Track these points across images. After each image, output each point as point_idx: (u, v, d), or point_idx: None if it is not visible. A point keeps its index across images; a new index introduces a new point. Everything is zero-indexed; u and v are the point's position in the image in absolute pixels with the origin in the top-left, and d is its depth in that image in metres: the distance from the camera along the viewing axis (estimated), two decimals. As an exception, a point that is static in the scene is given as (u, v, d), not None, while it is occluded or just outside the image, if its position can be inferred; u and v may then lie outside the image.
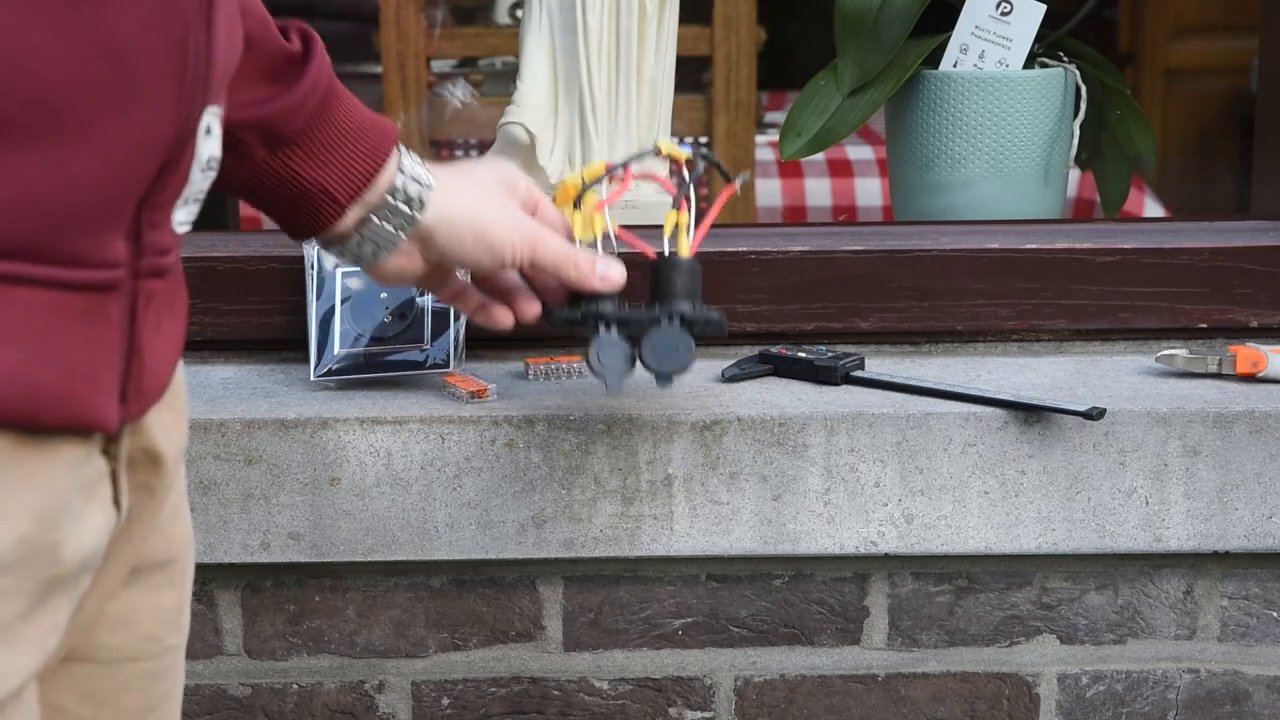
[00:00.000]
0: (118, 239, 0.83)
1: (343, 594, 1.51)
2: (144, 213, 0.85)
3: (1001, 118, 1.79)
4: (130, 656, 0.99)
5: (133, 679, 1.00)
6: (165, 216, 0.87)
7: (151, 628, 1.00)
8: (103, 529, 0.88)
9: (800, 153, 1.85)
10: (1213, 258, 1.62)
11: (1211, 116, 5.01)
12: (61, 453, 0.83)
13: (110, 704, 0.99)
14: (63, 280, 0.80)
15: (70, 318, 0.81)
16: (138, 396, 0.88)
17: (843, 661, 1.53)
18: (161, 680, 1.02)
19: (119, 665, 0.99)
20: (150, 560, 0.99)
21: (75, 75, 0.78)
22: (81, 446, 0.85)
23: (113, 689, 0.99)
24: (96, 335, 0.83)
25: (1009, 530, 1.45)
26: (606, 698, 1.53)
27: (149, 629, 1.00)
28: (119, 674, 0.99)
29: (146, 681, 1.01)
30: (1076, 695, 1.53)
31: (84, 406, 0.83)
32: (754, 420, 1.44)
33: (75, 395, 0.82)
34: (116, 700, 0.99)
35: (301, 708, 1.52)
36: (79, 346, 0.82)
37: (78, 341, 0.82)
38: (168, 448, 0.95)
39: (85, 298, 0.82)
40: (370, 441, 1.43)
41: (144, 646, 1.00)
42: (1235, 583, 1.52)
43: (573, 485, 1.44)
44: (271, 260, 1.59)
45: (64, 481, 0.84)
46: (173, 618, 1.03)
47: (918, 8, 1.81)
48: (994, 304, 1.62)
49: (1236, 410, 1.45)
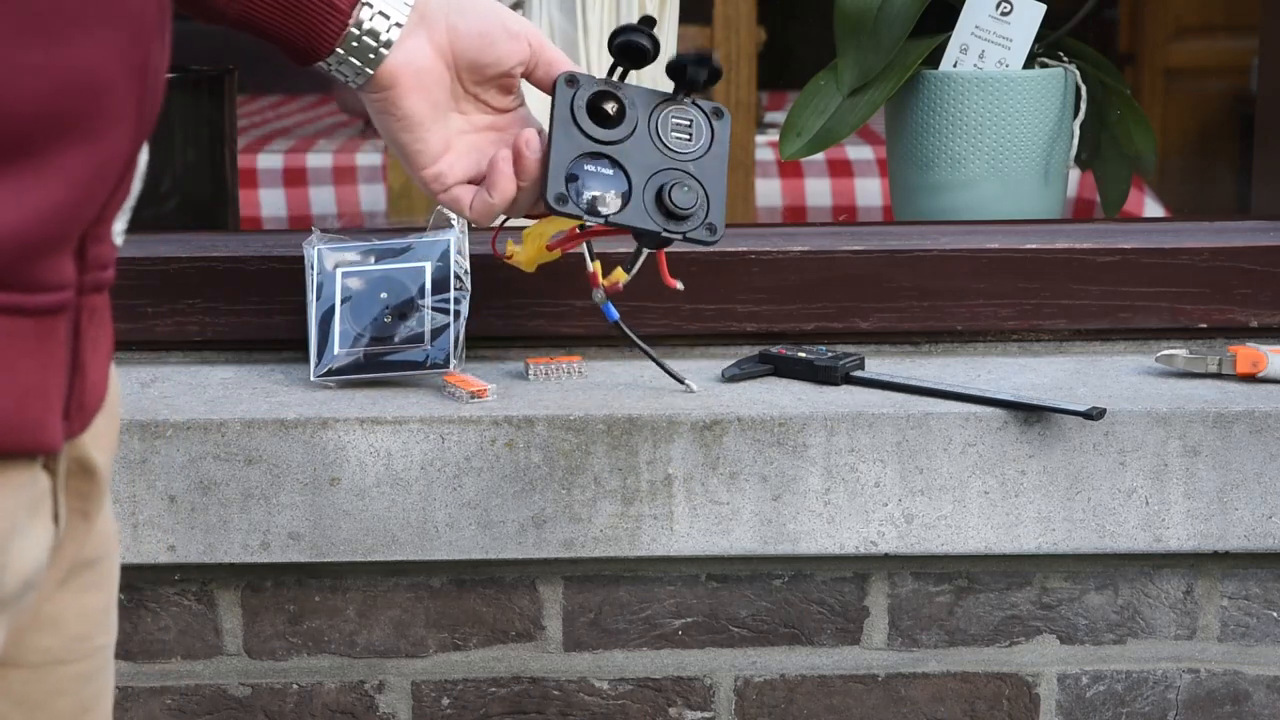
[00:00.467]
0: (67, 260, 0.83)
1: (343, 594, 1.51)
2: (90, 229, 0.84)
3: (1001, 118, 1.79)
4: (60, 659, 0.98)
5: (64, 681, 0.99)
6: (107, 230, 0.86)
7: (81, 628, 0.99)
8: (45, 545, 0.88)
9: (800, 153, 1.85)
10: (1213, 258, 1.62)
11: (1211, 116, 5.01)
12: (11, 477, 0.82)
13: (44, 707, 0.98)
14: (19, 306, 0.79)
15: (24, 342, 0.80)
16: (80, 412, 0.87)
17: (843, 661, 1.53)
18: (93, 681, 1.01)
19: (50, 668, 0.98)
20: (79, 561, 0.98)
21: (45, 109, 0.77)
22: (28, 469, 0.84)
23: (45, 692, 0.98)
24: (47, 357, 0.82)
25: (1009, 530, 1.45)
26: (606, 698, 1.53)
27: (78, 629, 0.99)
28: (50, 677, 0.98)
29: (78, 683, 1.00)
30: (1076, 695, 1.53)
31: (36, 430, 0.82)
32: (754, 420, 1.44)
33: (28, 420, 0.81)
34: (49, 704, 0.98)
35: (301, 708, 1.52)
36: (32, 370, 0.81)
37: (31, 366, 0.81)
38: (99, 455, 0.94)
39: (38, 321, 0.81)
40: (370, 441, 1.43)
41: (74, 647, 0.99)
42: (1235, 583, 1.52)
43: (573, 485, 1.44)
44: (271, 260, 1.59)
45: (13, 504, 0.83)
46: (101, 617, 1.01)
47: (918, 8, 1.81)
48: (994, 304, 1.62)
49: (1236, 410, 1.45)
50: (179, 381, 1.54)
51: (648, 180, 1.35)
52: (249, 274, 1.59)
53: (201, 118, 2.08)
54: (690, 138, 1.39)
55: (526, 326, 1.60)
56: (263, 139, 3.43)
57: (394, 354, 1.50)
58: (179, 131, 2.05)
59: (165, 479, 1.43)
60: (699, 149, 1.38)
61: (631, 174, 1.35)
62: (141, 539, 1.43)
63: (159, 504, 1.43)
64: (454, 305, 1.50)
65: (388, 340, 1.50)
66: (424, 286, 1.51)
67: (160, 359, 1.60)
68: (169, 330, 1.60)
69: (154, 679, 1.51)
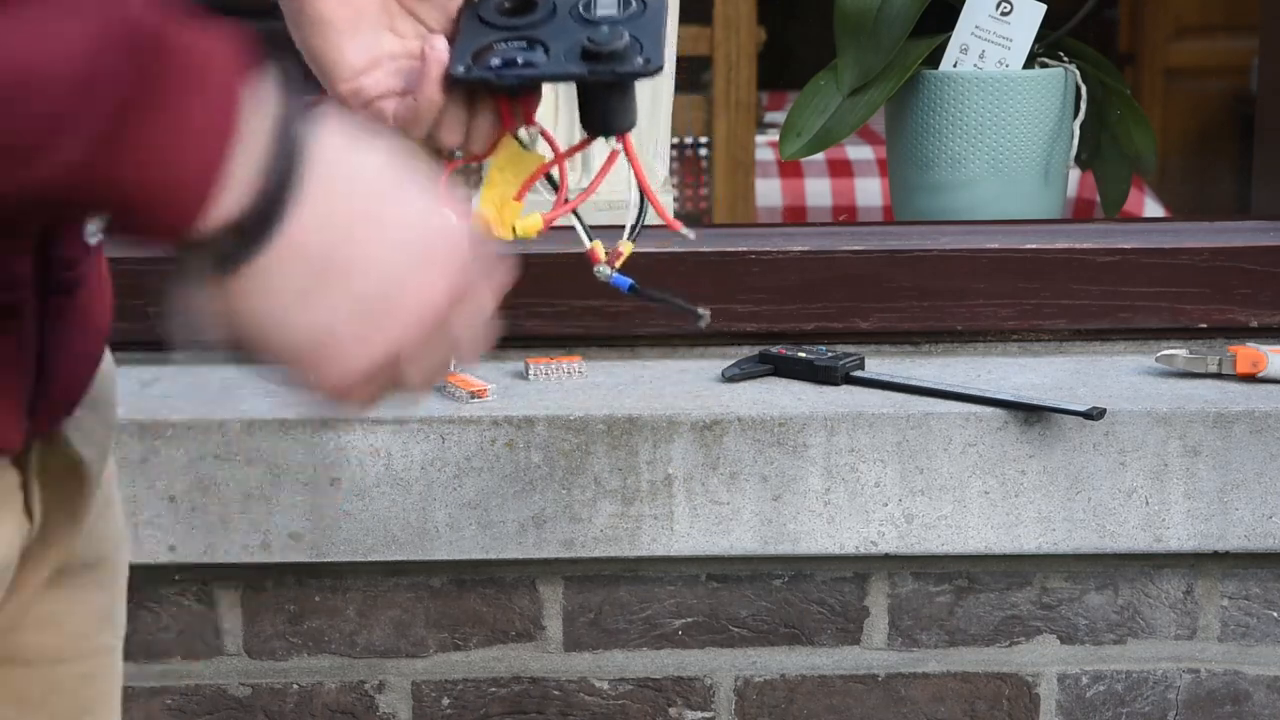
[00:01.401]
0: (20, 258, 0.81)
1: (343, 594, 1.51)
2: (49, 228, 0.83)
3: (1001, 118, 1.79)
4: (58, 658, 0.98)
5: (63, 680, 0.98)
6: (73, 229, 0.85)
7: (80, 627, 0.99)
8: (13, 540, 0.87)
9: (800, 153, 1.85)
10: (1213, 258, 1.62)
11: (1211, 116, 5.01)
12: None
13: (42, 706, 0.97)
14: None
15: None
16: (48, 411, 0.87)
17: (843, 661, 1.53)
18: (95, 682, 1.01)
19: (48, 666, 0.98)
20: (76, 561, 0.98)
21: None
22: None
23: (43, 691, 0.97)
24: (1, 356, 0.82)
25: (1009, 530, 1.45)
26: (606, 698, 1.53)
27: (77, 629, 0.99)
28: (48, 675, 0.98)
29: (78, 683, 0.99)
30: (1076, 695, 1.53)
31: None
32: (754, 420, 1.44)
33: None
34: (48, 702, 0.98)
35: (301, 708, 1.52)
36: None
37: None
38: (86, 452, 0.94)
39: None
40: (370, 441, 1.43)
41: (72, 647, 0.99)
42: (1235, 583, 1.52)
43: (573, 485, 1.44)
44: (271, 260, 1.59)
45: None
46: (103, 618, 1.01)
47: (918, 8, 1.81)
48: (994, 304, 1.62)
49: (1236, 410, 1.45)
50: (179, 381, 1.54)
51: (569, 46, 1.14)
52: (249, 274, 1.59)
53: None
54: (620, 8, 1.14)
55: (526, 326, 1.60)
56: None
57: (394, 354, 1.50)
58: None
59: (165, 479, 1.43)
60: (632, 12, 1.15)
61: (550, 44, 1.14)
62: (141, 539, 1.43)
63: (159, 504, 1.43)
64: (454, 305, 1.50)
65: (388, 340, 1.50)
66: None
67: (160, 359, 1.60)
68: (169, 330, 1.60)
69: (154, 679, 1.51)
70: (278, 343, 0.78)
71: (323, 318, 0.77)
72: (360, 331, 0.78)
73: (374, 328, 0.78)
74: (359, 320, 0.78)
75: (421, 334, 0.79)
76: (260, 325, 0.78)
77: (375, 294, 0.77)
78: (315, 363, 0.79)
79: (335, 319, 0.77)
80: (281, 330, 0.78)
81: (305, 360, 0.79)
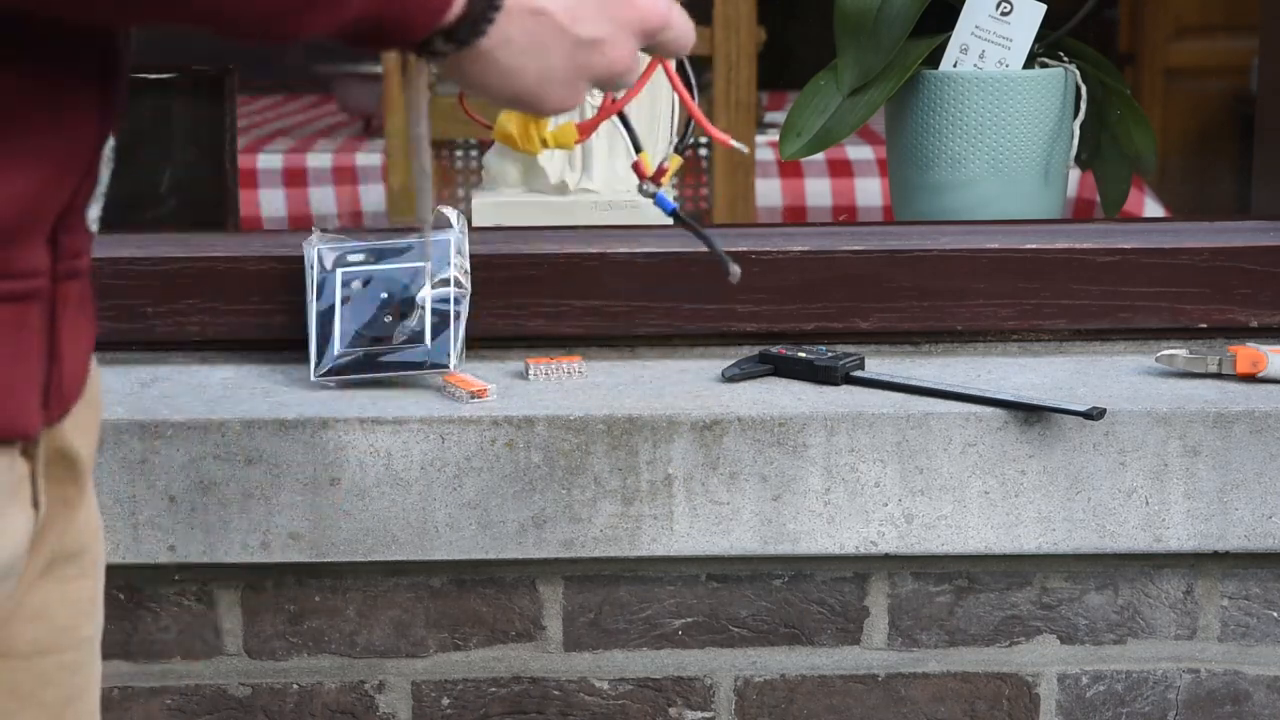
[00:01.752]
0: (40, 247, 0.83)
1: (343, 594, 1.51)
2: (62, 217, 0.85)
3: (1001, 118, 1.79)
4: (47, 649, 0.99)
5: (52, 671, 1.00)
6: (80, 218, 0.87)
7: (67, 618, 1.00)
8: (25, 532, 0.88)
9: (800, 153, 1.85)
10: (1213, 258, 1.62)
11: (1211, 116, 5.01)
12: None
13: (33, 697, 0.99)
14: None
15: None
16: (59, 400, 0.88)
17: (843, 661, 1.53)
18: (79, 672, 1.02)
19: (38, 658, 0.99)
20: (62, 552, 0.99)
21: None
22: (5, 454, 0.85)
23: (34, 682, 0.99)
24: (21, 344, 0.83)
25: (1009, 530, 1.45)
26: (606, 698, 1.53)
27: (64, 620, 1.00)
28: (38, 666, 0.99)
29: (65, 674, 1.01)
30: (1076, 695, 1.53)
31: (12, 418, 0.83)
32: (754, 420, 1.44)
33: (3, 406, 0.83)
34: (39, 693, 0.99)
35: (301, 708, 1.52)
36: (5, 359, 0.82)
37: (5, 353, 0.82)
38: (82, 446, 0.95)
39: (10, 308, 0.82)
40: (370, 441, 1.43)
41: (60, 638, 1.00)
42: (1235, 583, 1.52)
43: (573, 485, 1.44)
44: (271, 260, 1.59)
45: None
46: (87, 607, 1.02)
47: (918, 8, 1.81)
48: (994, 304, 1.62)
49: (1236, 410, 1.45)
50: (179, 381, 1.54)
51: None
52: (249, 274, 1.59)
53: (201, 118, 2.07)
54: None
55: (526, 326, 1.60)
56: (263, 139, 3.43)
57: (394, 354, 1.50)
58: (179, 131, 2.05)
59: (165, 479, 1.43)
60: None
61: None
62: (141, 539, 1.44)
63: (159, 504, 1.43)
64: (454, 305, 1.50)
65: (388, 340, 1.50)
66: (424, 286, 1.51)
67: (160, 359, 1.60)
68: (169, 330, 1.60)
69: (154, 679, 1.51)
70: (510, 91, 0.94)
71: (548, 63, 0.93)
72: (578, 71, 0.95)
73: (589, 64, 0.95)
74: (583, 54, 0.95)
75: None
76: (494, 81, 0.94)
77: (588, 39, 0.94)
78: (540, 102, 0.95)
79: (555, 69, 0.94)
80: (513, 81, 0.93)
81: (532, 101, 0.95)
